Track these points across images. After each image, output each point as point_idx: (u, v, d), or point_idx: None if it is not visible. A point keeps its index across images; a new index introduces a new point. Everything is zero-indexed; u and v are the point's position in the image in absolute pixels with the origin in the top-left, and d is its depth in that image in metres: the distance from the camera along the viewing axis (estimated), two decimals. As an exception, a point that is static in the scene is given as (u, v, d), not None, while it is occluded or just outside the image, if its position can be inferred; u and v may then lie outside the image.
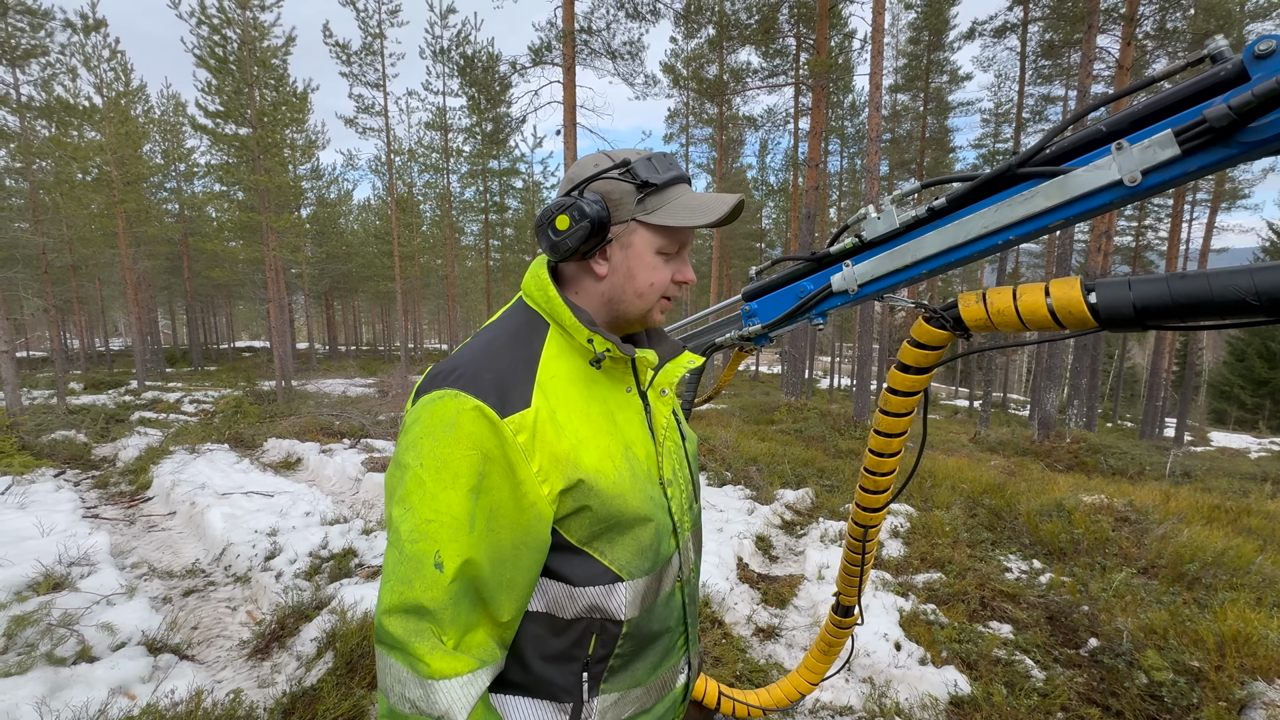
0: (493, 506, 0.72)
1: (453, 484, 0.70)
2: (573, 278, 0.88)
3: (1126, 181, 0.82)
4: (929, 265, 1.03)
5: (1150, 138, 0.80)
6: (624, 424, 0.87)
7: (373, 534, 4.53)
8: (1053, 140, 0.93)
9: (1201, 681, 2.63)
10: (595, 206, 0.79)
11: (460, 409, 0.72)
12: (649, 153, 0.85)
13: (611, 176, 0.82)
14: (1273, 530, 4.82)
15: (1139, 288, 0.80)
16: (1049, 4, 15.72)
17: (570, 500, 0.76)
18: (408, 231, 26.05)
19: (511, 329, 0.85)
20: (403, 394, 15.35)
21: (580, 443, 0.78)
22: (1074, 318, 0.86)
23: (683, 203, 0.83)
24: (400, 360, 24.05)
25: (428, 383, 0.77)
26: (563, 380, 0.81)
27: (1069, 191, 0.88)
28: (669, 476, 0.91)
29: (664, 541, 0.87)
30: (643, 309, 0.87)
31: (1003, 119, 24.07)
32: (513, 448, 0.72)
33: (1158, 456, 9.31)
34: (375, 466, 6.57)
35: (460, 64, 15.08)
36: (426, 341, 60.63)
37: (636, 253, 0.84)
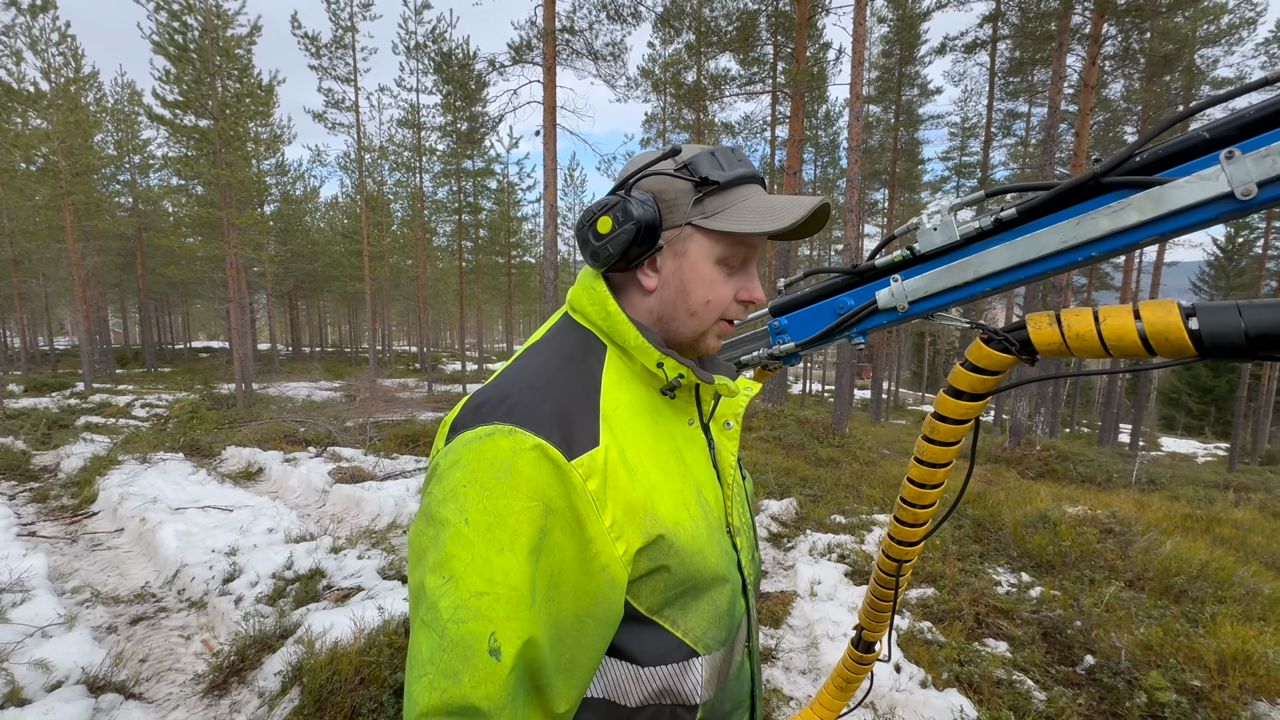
0: (554, 570, 0.58)
1: (510, 545, 0.55)
2: (619, 290, 0.76)
3: (1239, 194, 0.72)
4: (993, 282, 0.92)
5: (1270, 145, 0.70)
6: (692, 464, 0.74)
7: (342, 552, 4.26)
8: (1143, 147, 0.81)
9: (1203, 701, 2.61)
10: (644, 207, 0.67)
11: (517, 449, 0.58)
12: (715, 146, 0.71)
13: (665, 172, 0.69)
14: (1244, 539, 4.93)
15: (1253, 314, 0.70)
16: (1016, 23, 16.21)
17: (646, 560, 0.63)
18: (377, 231, 25.38)
19: (564, 350, 0.71)
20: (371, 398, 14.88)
21: (654, 488, 0.65)
22: (1170, 345, 0.75)
23: (750, 205, 0.69)
24: (369, 363, 23.37)
25: (469, 416, 0.63)
26: (627, 412, 0.68)
27: (1166, 205, 0.77)
28: (736, 524, 0.79)
29: (737, 603, 0.75)
30: (695, 331, 0.73)
31: (969, 133, 24.79)
32: (582, 497, 0.59)
33: (1123, 463, 9.59)
34: (344, 477, 6.26)
35: (436, 60, 14.72)
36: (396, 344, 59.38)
37: (691, 263, 0.70)
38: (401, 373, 29.16)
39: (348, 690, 2.58)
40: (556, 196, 11.49)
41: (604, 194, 0.76)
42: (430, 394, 19.41)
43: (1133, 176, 0.80)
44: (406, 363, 35.92)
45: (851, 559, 4.35)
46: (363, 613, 3.16)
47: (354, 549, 4.35)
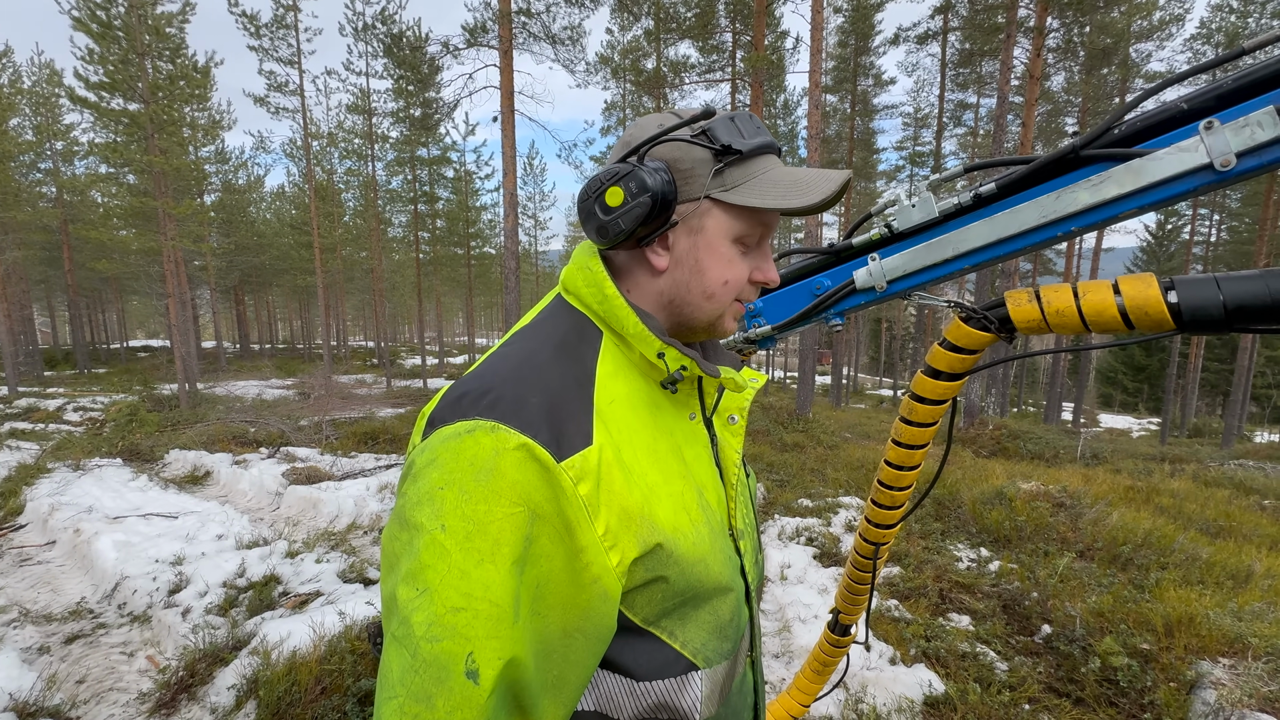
0: (540, 582, 0.52)
1: (492, 556, 0.50)
2: (623, 271, 0.69)
3: (1218, 165, 0.71)
4: (973, 259, 0.91)
5: (1247, 115, 0.69)
6: (693, 462, 0.68)
7: (299, 556, 4.08)
8: (1122, 119, 0.80)
9: (1152, 663, 2.74)
10: (659, 177, 0.60)
11: (500, 448, 0.52)
12: (729, 111, 0.65)
13: (681, 138, 0.62)
14: (1180, 508, 5.23)
15: (1231, 286, 0.69)
16: (965, 14, 16.65)
17: (642, 570, 0.57)
18: (328, 221, 24.41)
19: (555, 337, 0.64)
20: (326, 395, 14.37)
21: (652, 491, 0.59)
22: (1150, 319, 0.74)
23: (772, 178, 0.63)
24: (323, 359, 22.54)
25: (447, 409, 0.56)
26: (623, 407, 0.62)
27: (1147, 177, 0.76)
28: (740, 527, 0.73)
29: (741, 612, 0.70)
30: (712, 315, 0.67)
31: (922, 123, 25.42)
32: (572, 502, 0.53)
33: (1068, 440, 10.08)
34: (299, 478, 6.00)
35: (386, 43, 14.09)
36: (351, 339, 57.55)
37: (708, 240, 0.64)
38: (358, 368, 28.27)
39: (308, 701, 2.46)
40: (516, 185, 11.23)
41: (566, 180, 0.70)
42: (389, 390, 18.87)
43: (1113, 149, 0.78)
44: (363, 358, 34.84)
45: (819, 541, 4.42)
46: (322, 619, 3.03)
47: (311, 552, 4.17)
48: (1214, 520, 4.92)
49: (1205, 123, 0.70)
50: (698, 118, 0.64)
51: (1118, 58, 17.65)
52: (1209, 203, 24.89)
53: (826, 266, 1.04)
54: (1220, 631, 2.76)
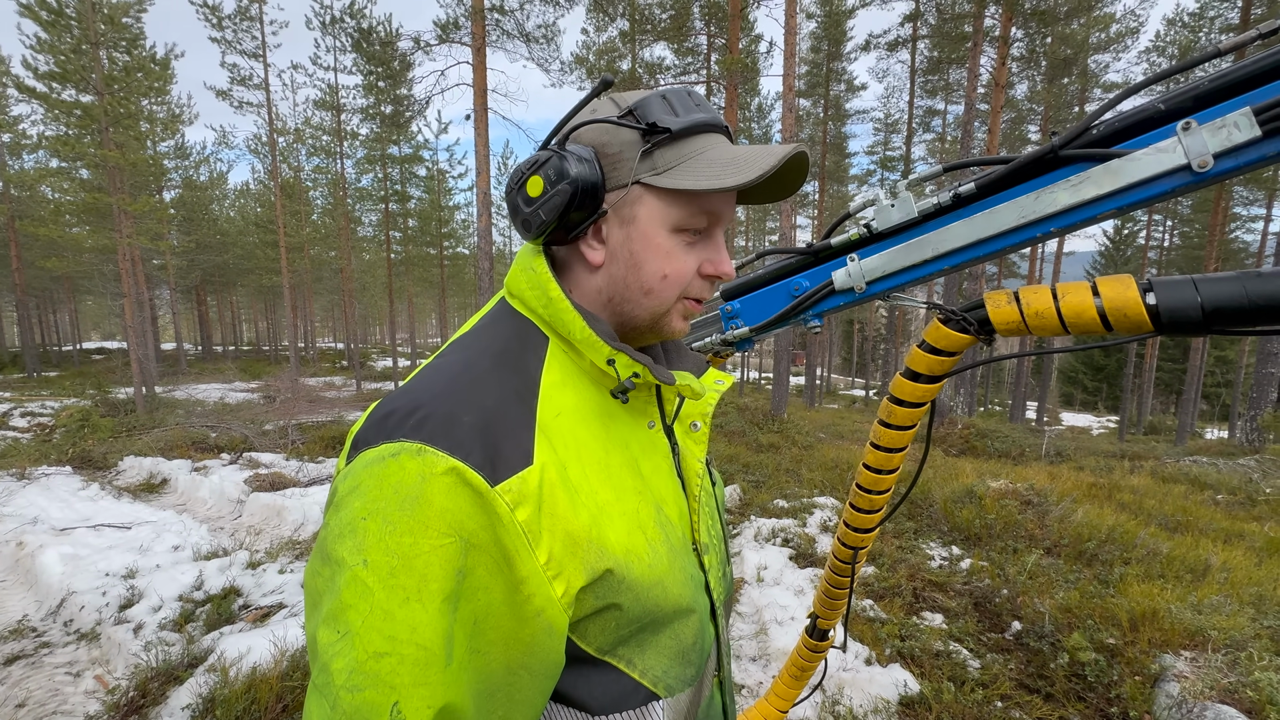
0: (477, 617, 0.48)
1: (418, 593, 0.45)
2: (564, 268, 0.64)
3: (1195, 166, 0.70)
4: (952, 260, 0.89)
5: (1224, 117, 0.68)
6: (651, 475, 0.63)
7: (261, 567, 3.92)
8: (1099, 119, 0.79)
9: (1118, 657, 2.80)
10: (582, 164, 0.56)
11: (426, 474, 0.47)
12: (668, 88, 0.59)
13: (607, 119, 0.57)
14: (1140, 504, 5.40)
15: (1208, 288, 0.68)
16: (933, 23, 17.04)
17: (592, 598, 0.53)
18: (295, 220, 23.79)
19: (495, 345, 0.59)
20: (293, 398, 13.96)
21: (602, 512, 0.54)
22: (1129, 321, 0.73)
23: (710, 158, 0.57)
24: (289, 361, 21.94)
25: (372, 429, 0.51)
26: (571, 419, 0.57)
27: (1126, 177, 0.75)
28: (705, 541, 0.68)
29: (706, 632, 0.65)
30: (653, 313, 0.62)
31: (892, 128, 25.95)
32: (510, 530, 0.48)
33: (1033, 438, 10.37)
34: (262, 485, 5.79)
35: (355, 37, 13.79)
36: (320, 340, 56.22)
37: (642, 230, 0.58)
38: (327, 371, 27.60)
39: (269, 719, 2.35)
40: (490, 184, 11.08)
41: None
42: (359, 392, 18.46)
43: (1091, 150, 0.77)
44: (332, 360, 34.03)
45: (795, 542, 4.43)
46: (285, 632, 2.91)
47: (274, 562, 4.02)
48: (1172, 516, 5.09)
49: (1183, 124, 0.70)
50: (598, 91, 0.59)
51: (1077, 68, 18.28)
52: (1163, 209, 25.94)
53: (804, 267, 1.02)
54: (1181, 625, 2.83)
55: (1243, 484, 6.83)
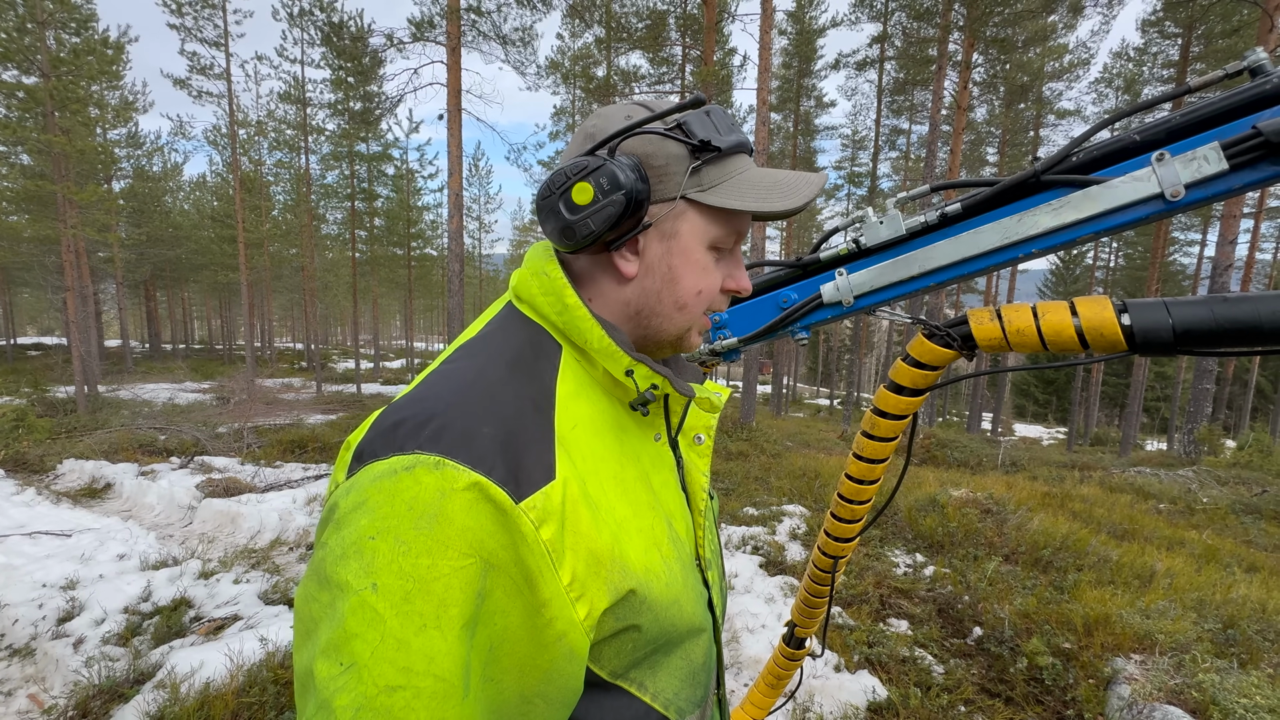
0: (493, 642, 0.45)
1: (437, 620, 0.41)
2: (584, 277, 0.61)
3: (1168, 195, 0.75)
4: (937, 277, 0.92)
5: (1195, 150, 0.73)
6: (661, 490, 0.61)
7: (214, 577, 3.75)
8: (1080, 146, 0.83)
9: (1073, 661, 2.90)
10: (632, 174, 0.54)
11: (446, 489, 0.43)
12: (710, 105, 0.58)
13: (655, 131, 0.55)
14: (1090, 512, 5.64)
15: (1179, 310, 0.73)
16: (900, 46, 17.65)
17: (613, 619, 0.51)
18: (255, 215, 23.00)
19: (508, 352, 0.56)
20: (249, 400, 13.43)
21: (622, 529, 0.52)
22: (1105, 340, 0.77)
23: (750, 179, 0.58)
24: (245, 361, 21.12)
25: (379, 440, 0.47)
26: (587, 431, 0.55)
27: (1103, 203, 0.79)
28: (708, 556, 0.68)
29: (712, 651, 0.65)
30: (681, 327, 0.61)
31: (860, 145, 26.69)
32: (534, 550, 0.45)
33: (990, 449, 10.74)
34: (216, 490, 5.55)
35: (324, 31, 13.45)
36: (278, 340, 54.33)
37: (683, 245, 0.58)
38: (285, 372, 26.67)
39: (223, 739, 2.24)
40: (462, 185, 10.94)
41: (512, 183, 0.65)
42: (319, 395, 17.89)
43: (1072, 175, 0.81)
44: (291, 361, 32.92)
45: (765, 550, 4.47)
46: (241, 645, 2.78)
47: (229, 572, 3.84)
48: (1120, 524, 5.34)
49: (1157, 154, 0.74)
50: (677, 109, 0.57)
51: (1033, 94, 19.17)
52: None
53: (793, 280, 1.03)
54: (1131, 629, 2.96)
55: (1182, 494, 7.21)
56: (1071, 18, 16.57)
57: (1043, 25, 15.45)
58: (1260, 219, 23.98)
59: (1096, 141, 0.81)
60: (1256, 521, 6.12)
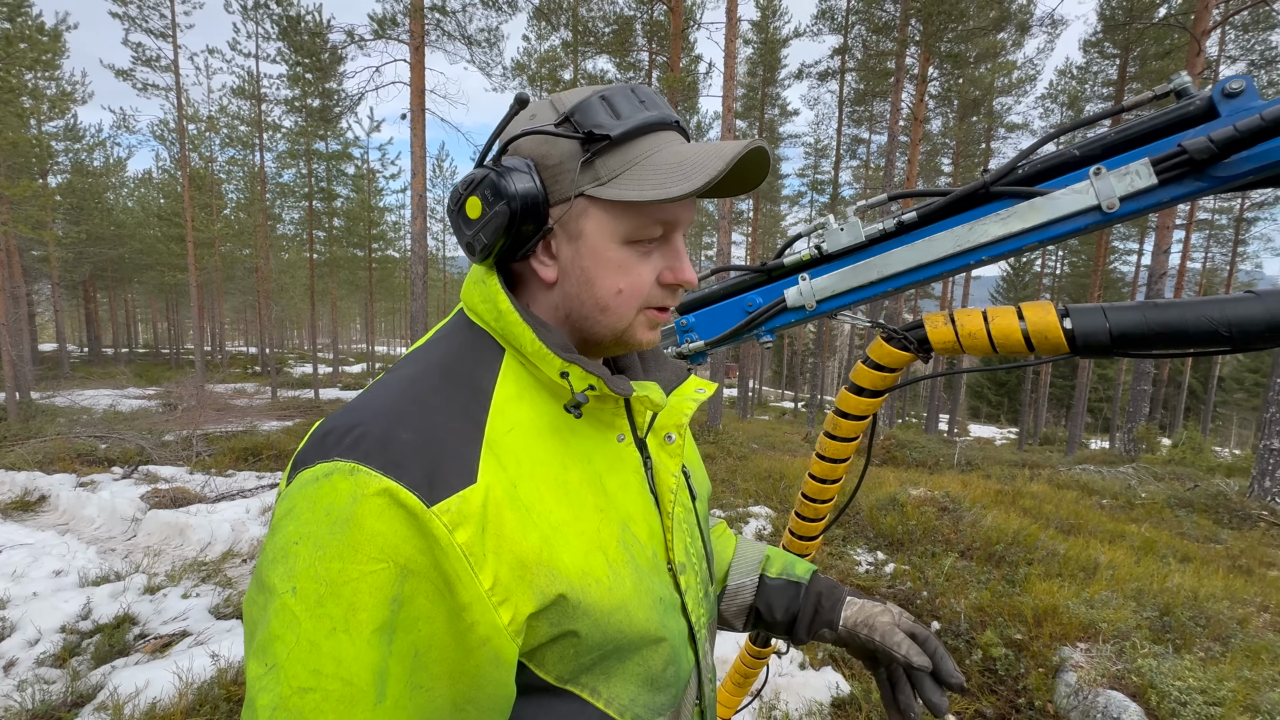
0: (418, 649, 0.45)
1: (346, 624, 0.43)
2: (521, 282, 0.61)
3: (1104, 207, 0.81)
4: (895, 283, 0.96)
5: (1127, 165, 0.79)
6: (617, 492, 0.59)
7: (161, 591, 3.58)
8: (1025, 160, 0.89)
9: (1024, 651, 3.03)
10: (519, 179, 0.53)
11: (358, 495, 0.44)
12: (610, 86, 0.56)
13: (544, 129, 0.53)
14: (1040, 508, 5.89)
15: (1115, 315, 0.78)
16: (860, 58, 18.19)
17: (545, 625, 0.50)
18: (205, 214, 22.10)
19: (445, 359, 0.56)
20: (198, 406, 12.87)
21: (556, 532, 0.51)
22: (1049, 343, 0.82)
23: (656, 161, 0.53)
24: (194, 366, 20.23)
25: (311, 449, 0.49)
26: (526, 434, 0.54)
27: (1046, 214, 0.85)
28: (681, 560, 0.65)
29: (681, 659, 0.62)
30: (614, 328, 0.59)
31: (822, 154, 27.33)
32: (449, 554, 0.45)
33: (947, 449, 11.11)
34: (162, 501, 5.29)
35: (281, 25, 13.04)
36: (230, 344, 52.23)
37: (591, 245, 0.55)
38: (238, 377, 25.63)
39: (170, 761, 2.14)
40: (425, 186, 10.75)
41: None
42: (274, 400, 17.27)
43: (1018, 187, 0.86)
44: (244, 365, 31.66)
45: (746, 538, 4.52)
46: (190, 663, 2.66)
47: (177, 586, 3.68)
48: (1066, 519, 5.59)
49: (1094, 169, 0.79)
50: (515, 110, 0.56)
51: (984, 108, 20.01)
52: (1054, 240, 28.70)
53: (758, 284, 1.06)
54: (1077, 619, 3.10)
55: (1123, 490, 7.60)
56: (1019, 36, 17.40)
57: (993, 42, 16.18)
58: (1191, 230, 25.57)
59: (1040, 156, 0.87)
60: (1189, 515, 6.50)
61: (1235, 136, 0.66)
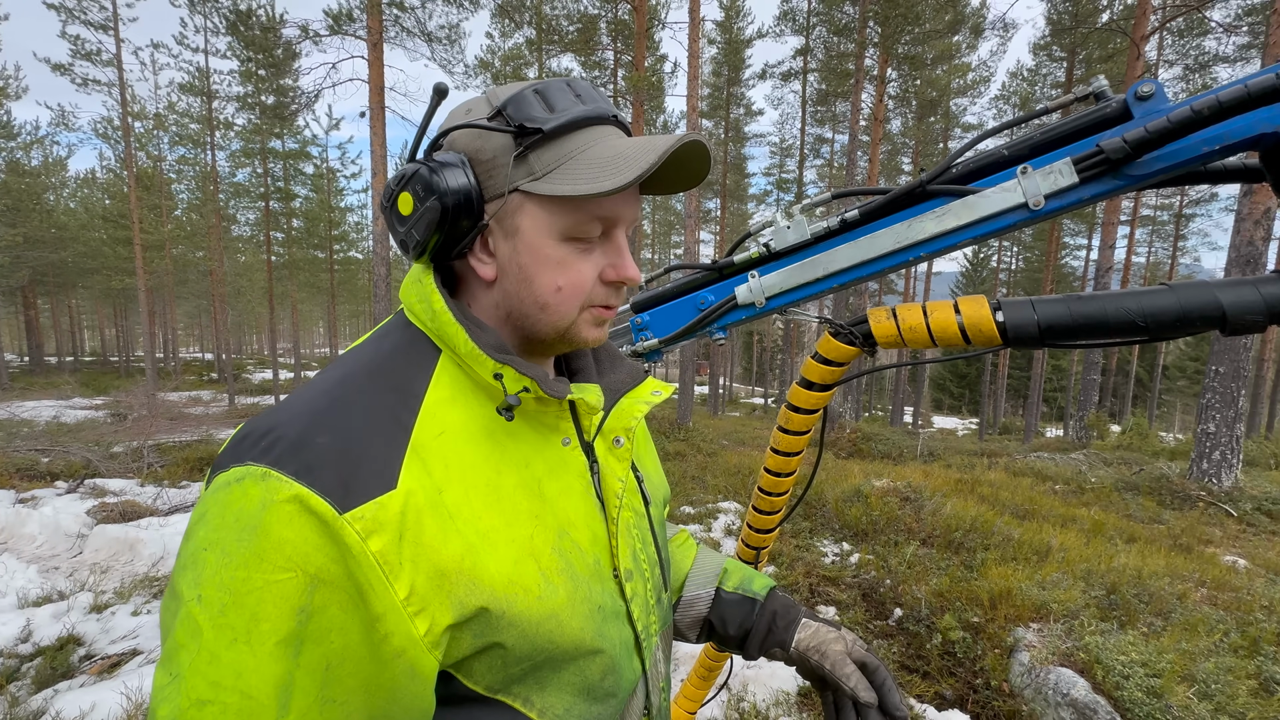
0: (330, 661, 0.43)
1: (247, 635, 0.41)
2: (461, 281, 0.60)
3: (1031, 205, 0.85)
4: (841, 279, 0.99)
5: (1051, 164, 0.83)
6: (557, 498, 0.57)
7: (109, 610, 3.43)
8: (958, 159, 0.92)
9: (981, 633, 3.13)
10: (452, 175, 0.52)
11: (268, 501, 0.43)
12: (546, 80, 0.55)
13: (476, 123, 0.52)
14: (997, 495, 6.10)
15: (1042, 308, 0.82)
16: (821, 59, 18.52)
17: (468, 636, 0.49)
18: (154, 215, 21.22)
19: (375, 360, 0.54)
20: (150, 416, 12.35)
21: (483, 539, 0.50)
22: (983, 335, 0.86)
23: (590, 156, 0.52)
24: (145, 373, 19.39)
25: (227, 453, 0.48)
26: (457, 438, 0.52)
27: (978, 211, 0.89)
28: (628, 566, 0.63)
29: (624, 668, 0.60)
30: (556, 326, 0.57)
31: (787, 153, 27.73)
32: (361, 562, 0.44)
33: (910, 440, 11.43)
34: (110, 516, 5.07)
35: (231, 19, 12.57)
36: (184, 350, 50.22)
37: (528, 242, 0.54)
38: (193, 384, 24.68)
39: (118, 786, 2.05)
40: (387, 186, 10.52)
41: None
42: (232, 408, 16.69)
43: (951, 186, 0.89)
44: (199, 372, 30.50)
45: (707, 547, 4.56)
46: (141, 682, 2.56)
47: (126, 603, 3.52)
48: (1021, 505, 5.81)
49: (1021, 168, 0.83)
50: (436, 99, 0.55)
51: (941, 109, 20.60)
52: (1010, 237, 29.72)
53: (710, 282, 1.08)
54: (1030, 601, 3.23)
55: (1074, 475, 7.94)
56: (973, 39, 17.97)
57: (948, 45, 16.66)
58: (1135, 226, 26.79)
59: (973, 155, 0.90)
60: (1135, 497, 6.82)
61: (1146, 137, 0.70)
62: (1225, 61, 16.66)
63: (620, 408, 0.65)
